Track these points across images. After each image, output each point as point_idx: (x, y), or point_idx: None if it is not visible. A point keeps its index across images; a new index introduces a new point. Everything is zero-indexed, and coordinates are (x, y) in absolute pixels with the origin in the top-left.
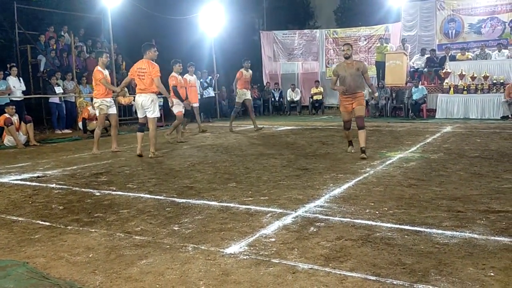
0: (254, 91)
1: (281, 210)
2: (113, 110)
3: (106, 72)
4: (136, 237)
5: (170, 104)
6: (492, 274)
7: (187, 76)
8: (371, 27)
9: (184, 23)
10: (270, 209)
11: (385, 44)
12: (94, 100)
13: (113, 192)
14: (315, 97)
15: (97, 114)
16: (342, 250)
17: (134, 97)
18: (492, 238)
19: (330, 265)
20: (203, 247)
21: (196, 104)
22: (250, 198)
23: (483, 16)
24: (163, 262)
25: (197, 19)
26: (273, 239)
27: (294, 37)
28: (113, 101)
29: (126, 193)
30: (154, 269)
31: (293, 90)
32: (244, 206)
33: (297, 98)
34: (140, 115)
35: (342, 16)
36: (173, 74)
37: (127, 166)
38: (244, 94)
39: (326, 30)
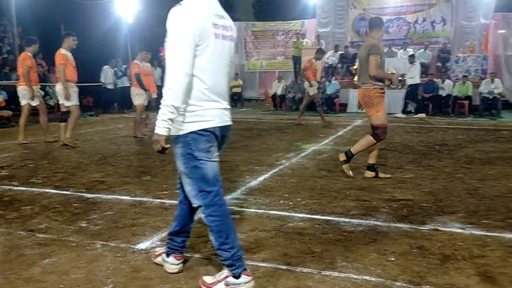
0: None
1: None
2: (37, 101)
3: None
4: (39, 235)
5: (64, 95)
6: (392, 259)
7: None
8: (288, 22)
9: (96, 8)
10: None
11: (301, 40)
12: (22, 87)
13: (15, 188)
14: (234, 90)
15: (34, 103)
16: (255, 241)
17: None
18: (394, 225)
19: (243, 256)
20: (112, 244)
21: (155, 95)
22: (165, 192)
23: (390, 16)
24: (68, 261)
25: (111, 4)
26: None
27: None
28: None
29: (29, 188)
30: (58, 268)
31: None
32: (158, 200)
33: None
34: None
35: (260, 10)
36: (135, 61)
37: (31, 159)
38: (316, 85)
39: (245, 23)
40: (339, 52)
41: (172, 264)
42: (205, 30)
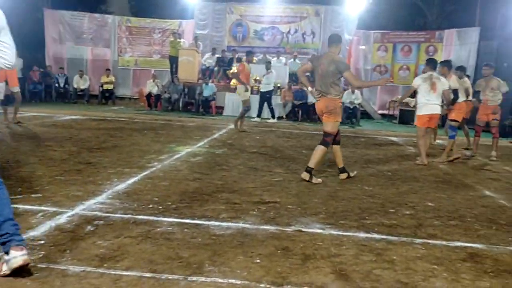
0: (35, 74)
1: (55, 209)
2: None
3: None
4: None
5: None
6: (258, 261)
7: None
8: (165, 21)
9: None
10: (42, 207)
11: (178, 39)
12: None
13: None
14: (105, 86)
15: None
16: (119, 248)
17: None
18: (262, 227)
19: (105, 265)
20: None
21: (16, 89)
22: (19, 196)
23: (266, 25)
24: None
25: None
26: (43, 242)
27: (83, 19)
28: None
29: None
30: None
31: (80, 77)
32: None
33: (85, 86)
34: None
35: (136, 5)
36: None
37: None
38: (249, 91)
39: (119, 17)
40: (216, 56)
41: (14, 257)
42: None
